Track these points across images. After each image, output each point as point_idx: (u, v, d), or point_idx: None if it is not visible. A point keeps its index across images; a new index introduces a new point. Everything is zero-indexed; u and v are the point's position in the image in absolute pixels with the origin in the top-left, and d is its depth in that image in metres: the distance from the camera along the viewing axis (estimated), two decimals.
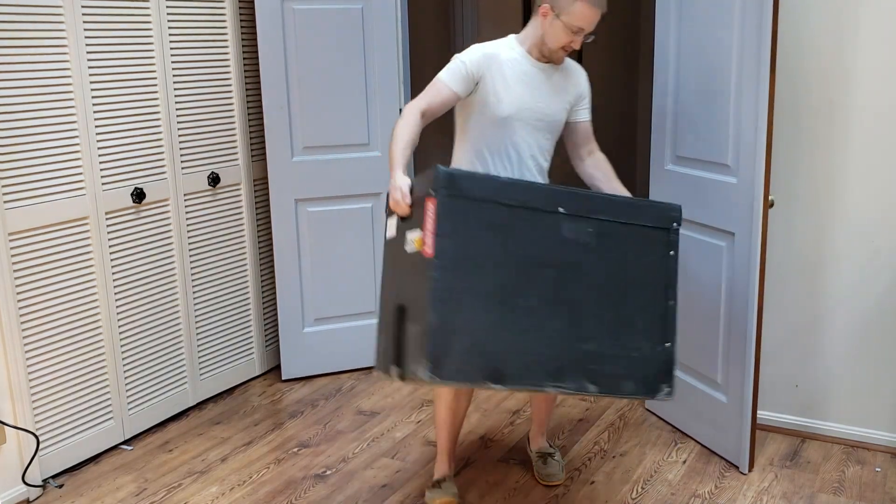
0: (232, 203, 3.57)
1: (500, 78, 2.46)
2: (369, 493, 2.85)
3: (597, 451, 3.08)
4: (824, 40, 2.86)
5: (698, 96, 2.88)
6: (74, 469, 3.02)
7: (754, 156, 2.67)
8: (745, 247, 2.75)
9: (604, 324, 2.26)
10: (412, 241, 2.15)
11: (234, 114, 3.53)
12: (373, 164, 3.68)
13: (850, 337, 3.02)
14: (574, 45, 2.46)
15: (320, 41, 3.50)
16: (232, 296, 3.62)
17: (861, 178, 2.89)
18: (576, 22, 2.40)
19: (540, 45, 2.48)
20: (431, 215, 2.06)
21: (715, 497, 2.76)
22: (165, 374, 3.35)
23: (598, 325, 2.25)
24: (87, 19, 2.90)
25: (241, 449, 3.17)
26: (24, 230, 2.77)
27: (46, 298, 2.87)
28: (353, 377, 3.80)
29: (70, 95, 2.88)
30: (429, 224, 2.06)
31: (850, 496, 2.75)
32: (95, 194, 2.99)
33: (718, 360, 2.95)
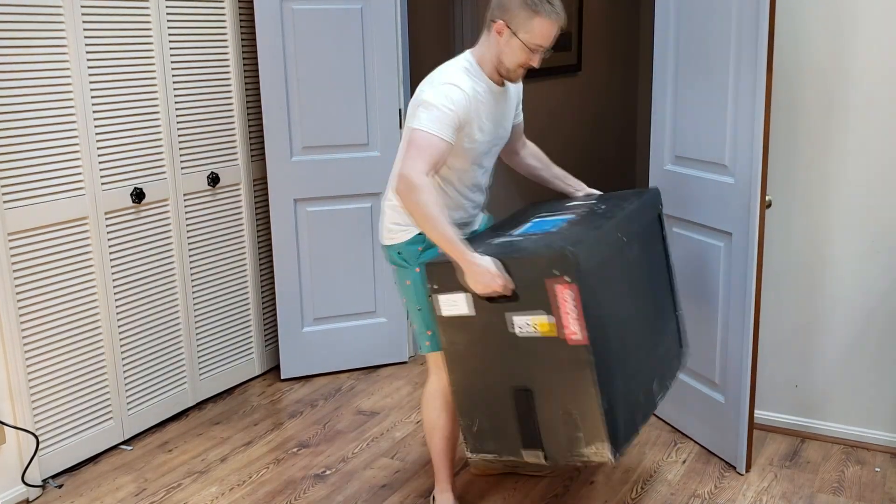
0: (231, 203, 3.57)
1: (477, 118, 2.31)
2: (369, 493, 2.85)
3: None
4: (821, 40, 2.86)
5: (696, 96, 2.89)
6: (74, 469, 3.02)
7: (751, 156, 2.67)
8: (743, 247, 2.75)
9: (660, 322, 2.42)
10: (531, 325, 2.10)
11: (234, 114, 3.53)
12: (372, 164, 3.68)
13: (849, 337, 3.02)
14: (533, 63, 2.29)
15: (320, 41, 3.51)
16: (231, 295, 3.62)
17: (858, 178, 2.89)
18: (535, 39, 2.24)
19: (497, 64, 2.31)
20: (572, 301, 2.01)
21: (714, 497, 2.76)
22: (165, 373, 3.35)
23: (661, 326, 2.41)
24: (87, 19, 2.90)
25: (241, 449, 3.17)
26: (23, 230, 2.78)
27: (46, 299, 2.87)
28: (353, 377, 3.80)
29: (69, 95, 2.88)
30: (568, 310, 2.02)
31: (849, 496, 2.75)
32: (95, 194, 3.00)
33: (716, 361, 2.95)
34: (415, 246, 2.42)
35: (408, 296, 2.48)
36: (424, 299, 2.42)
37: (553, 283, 2.02)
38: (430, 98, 2.23)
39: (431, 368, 2.55)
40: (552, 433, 2.16)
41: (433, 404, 2.57)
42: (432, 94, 2.24)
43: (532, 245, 2.14)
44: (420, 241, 2.42)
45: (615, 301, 2.21)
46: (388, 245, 2.49)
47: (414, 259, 2.42)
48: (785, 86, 2.92)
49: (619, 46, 6.56)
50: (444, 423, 2.57)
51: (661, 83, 3.04)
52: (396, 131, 3.70)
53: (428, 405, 2.59)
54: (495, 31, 2.27)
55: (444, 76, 2.30)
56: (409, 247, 2.43)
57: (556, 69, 5.64)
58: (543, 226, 2.34)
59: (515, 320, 2.12)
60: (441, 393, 2.55)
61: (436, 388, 2.55)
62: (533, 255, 2.07)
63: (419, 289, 2.42)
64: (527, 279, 2.07)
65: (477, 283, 2.11)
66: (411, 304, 2.48)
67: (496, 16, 2.28)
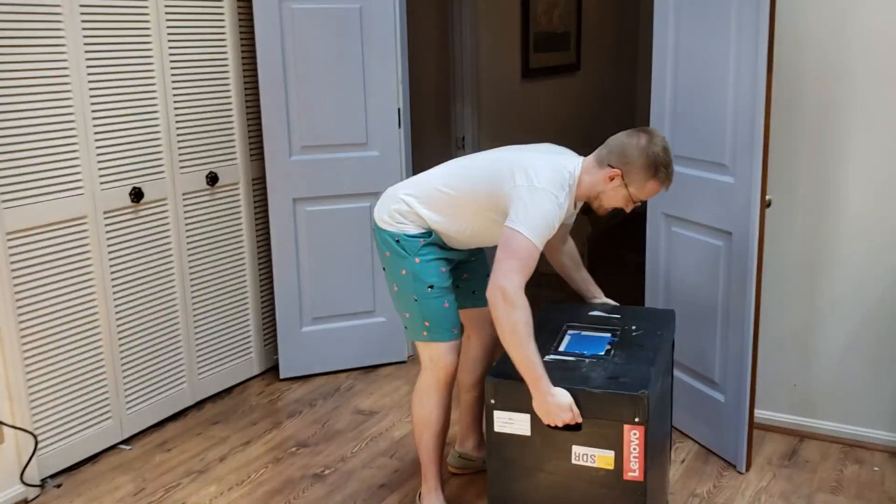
0: (230, 202, 3.57)
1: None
2: (367, 492, 2.85)
3: None
4: (821, 40, 2.86)
5: (696, 96, 2.89)
6: (73, 469, 3.02)
7: (752, 155, 2.67)
8: (743, 246, 2.75)
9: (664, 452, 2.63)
10: (593, 457, 2.18)
11: (233, 113, 3.53)
12: (371, 164, 3.68)
13: (848, 336, 3.02)
14: (626, 209, 2.38)
15: (318, 41, 3.50)
16: (230, 295, 3.62)
17: (858, 177, 2.90)
18: (642, 196, 2.34)
19: (593, 197, 2.37)
20: (637, 441, 2.13)
21: (713, 496, 2.76)
22: (164, 373, 3.35)
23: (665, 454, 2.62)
24: (85, 18, 2.90)
25: (240, 448, 3.17)
26: (22, 230, 2.77)
27: (45, 298, 2.87)
28: (352, 376, 3.80)
29: (68, 94, 2.88)
30: (632, 448, 2.13)
31: (848, 495, 2.75)
32: (93, 194, 2.99)
33: (716, 360, 2.95)
34: (416, 239, 2.43)
35: (401, 284, 2.46)
36: (423, 289, 2.42)
37: (630, 427, 2.13)
38: (536, 203, 2.22)
39: (425, 362, 2.52)
40: None
41: (427, 400, 2.53)
42: (539, 200, 2.23)
43: (602, 381, 2.19)
44: (425, 235, 2.43)
45: (656, 434, 2.31)
46: (386, 230, 2.46)
47: (414, 250, 2.42)
48: (785, 85, 2.92)
49: (617, 45, 6.56)
50: (437, 419, 2.54)
51: (660, 82, 3.03)
52: (395, 131, 3.69)
53: (421, 400, 2.55)
54: (608, 176, 2.31)
55: (546, 181, 2.26)
56: (410, 238, 2.43)
57: (555, 68, 5.64)
58: (588, 344, 2.44)
59: (576, 450, 2.20)
60: (436, 387, 2.52)
61: (430, 383, 2.52)
62: (610, 395, 2.14)
63: (417, 279, 2.42)
64: (598, 415, 2.16)
65: (548, 413, 2.15)
66: (405, 294, 2.45)
67: (614, 162, 2.31)
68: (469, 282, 2.67)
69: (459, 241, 2.50)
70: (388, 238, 2.46)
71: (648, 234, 3.18)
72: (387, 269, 2.52)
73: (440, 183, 2.45)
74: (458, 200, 2.41)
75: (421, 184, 2.49)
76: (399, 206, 2.46)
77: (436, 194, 2.43)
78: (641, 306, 2.75)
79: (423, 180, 2.50)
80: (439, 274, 2.45)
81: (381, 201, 2.54)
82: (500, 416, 2.25)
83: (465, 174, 2.44)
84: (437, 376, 2.51)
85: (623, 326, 2.55)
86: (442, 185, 2.44)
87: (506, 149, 2.52)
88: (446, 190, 2.42)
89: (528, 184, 2.24)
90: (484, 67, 4.91)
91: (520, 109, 5.34)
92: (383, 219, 2.49)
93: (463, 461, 2.92)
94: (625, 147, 2.30)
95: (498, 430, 2.26)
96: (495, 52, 5.02)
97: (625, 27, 6.62)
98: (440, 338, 2.46)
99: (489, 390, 2.25)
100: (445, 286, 2.46)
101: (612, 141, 2.35)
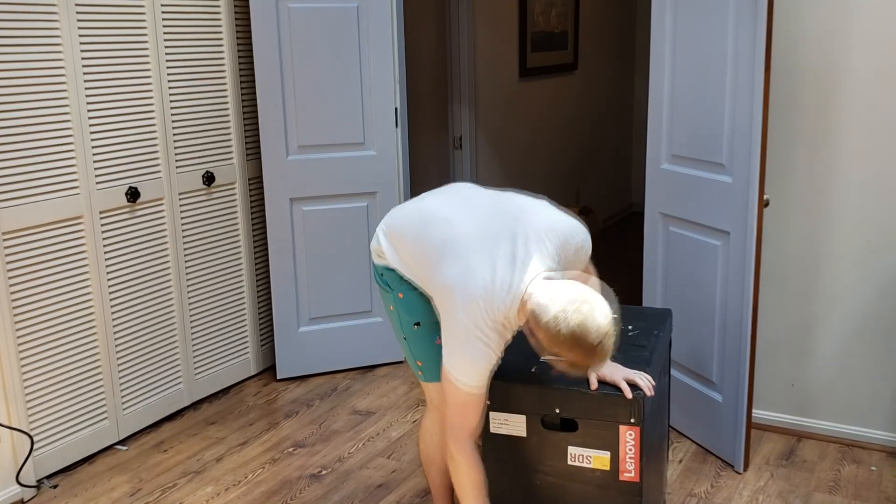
0: (227, 202, 3.56)
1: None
2: (365, 493, 2.84)
3: None
4: (818, 39, 2.86)
5: (693, 95, 2.88)
6: (69, 469, 3.01)
7: (749, 155, 2.67)
8: (741, 246, 2.75)
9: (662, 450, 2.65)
10: (588, 458, 2.18)
11: (229, 112, 3.52)
12: (368, 164, 3.68)
13: (846, 336, 3.02)
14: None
15: (315, 40, 3.50)
16: (227, 295, 3.61)
17: (856, 176, 2.90)
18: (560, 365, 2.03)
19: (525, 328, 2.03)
20: (633, 442, 2.13)
21: (711, 496, 2.76)
22: (160, 373, 3.34)
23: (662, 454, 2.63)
24: (81, 17, 2.89)
25: (237, 449, 3.16)
26: (17, 229, 2.77)
27: (40, 298, 2.86)
28: (349, 377, 3.79)
29: (64, 94, 2.87)
30: (628, 449, 2.14)
31: (845, 495, 2.75)
32: (89, 193, 2.98)
33: (714, 360, 2.95)
34: (395, 271, 2.22)
35: (392, 322, 2.30)
36: (410, 328, 2.24)
37: (626, 428, 2.13)
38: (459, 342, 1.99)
39: (428, 400, 2.37)
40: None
41: (430, 440, 2.39)
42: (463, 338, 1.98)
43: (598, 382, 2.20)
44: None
45: (653, 434, 2.32)
46: (374, 263, 2.30)
47: (395, 283, 2.22)
48: (783, 85, 2.92)
49: (615, 45, 6.56)
50: (442, 460, 2.36)
51: (658, 81, 3.03)
52: (392, 130, 3.69)
53: (424, 440, 2.42)
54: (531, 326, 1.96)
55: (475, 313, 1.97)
56: (389, 271, 2.23)
57: (552, 68, 5.64)
58: None
59: (572, 451, 2.19)
60: (438, 429, 2.32)
61: (432, 424, 2.37)
62: (605, 395, 2.14)
63: (402, 317, 2.24)
64: (594, 416, 2.15)
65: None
66: (396, 332, 2.30)
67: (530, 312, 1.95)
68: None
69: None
70: (375, 273, 2.29)
71: (646, 233, 3.18)
72: (384, 308, 2.34)
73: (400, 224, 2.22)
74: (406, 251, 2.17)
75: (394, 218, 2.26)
76: (378, 238, 2.27)
77: (395, 232, 2.23)
78: (638, 305, 2.75)
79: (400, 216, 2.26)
80: (426, 308, 2.19)
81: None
82: (496, 417, 2.25)
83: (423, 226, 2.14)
84: (439, 417, 2.30)
85: (620, 326, 2.55)
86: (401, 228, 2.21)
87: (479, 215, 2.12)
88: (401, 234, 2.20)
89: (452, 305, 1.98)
90: (481, 67, 4.91)
91: (517, 109, 5.34)
92: (373, 251, 2.29)
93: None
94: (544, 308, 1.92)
95: (493, 432, 2.26)
96: (493, 51, 5.01)
97: (622, 27, 6.62)
98: (434, 378, 2.21)
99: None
100: (433, 322, 2.17)
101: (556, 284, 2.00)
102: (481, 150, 5.00)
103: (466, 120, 4.87)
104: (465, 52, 4.78)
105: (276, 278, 3.65)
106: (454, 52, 4.81)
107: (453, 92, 4.86)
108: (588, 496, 2.20)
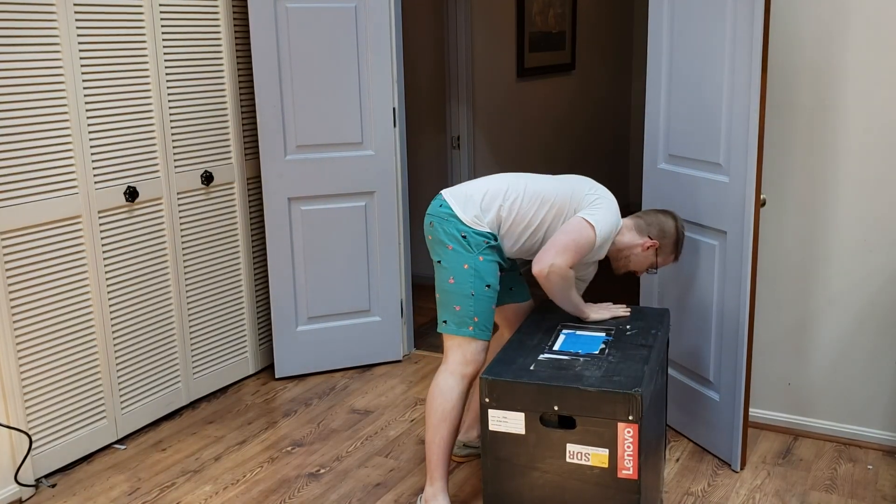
0: (225, 201, 3.57)
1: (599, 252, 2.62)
2: (363, 491, 2.85)
3: None
4: (816, 40, 2.87)
5: (691, 95, 2.89)
6: (67, 468, 3.01)
7: (746, 155, 2.67)
8: (738, 245, 2.76)
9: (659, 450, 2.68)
10: (587, 455, 2.19)
11: (228, 112, 3.52)
12: (366, 163, 3.68)
13: (842, 335, 3.03)
14: (638, 272, 2.74)
15: (314, 40, 3.50)
16: (225, 294, 3.62)
17: (852, 176, 2.90)
18: (662, 265, 2.71)
19: (621, 254, 2.67)
20: (631, 439, 2.15)
21: (708, 495, 2.77)
22: (158, 372, 3.34)
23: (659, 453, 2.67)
24: (80, 17, 2.89)
25: (235, 448, 3.16)
26: (15, 229, 2.77)
27: (39, 298, 2.86)
28: (347, 376, 3.79)
29: (62, 93, 2.87)
30: (626, 447, 2.15)
31: (842, 494, 2.76)
32: (88, 193, 2.99)
33: (711, 359, 2.95)
34: (482, 238, 2.53)
35: (459, 278, 2.52)
36: (482, 287, 2.52)
37: (625, 426, 2.14)
38: (607, 214, 2.57)
39: (455, 357, 2.54)
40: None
41: (451, 394, 2.52)
42: (610, 213, 2.58)
43: (596, 380, 2.20)
44: (490, 236, 2.53)
45: (651, 432, 2.32)
46: (457, 220, 2.53)
47: (479, 248, 2.52)
48: (779, 85, 2.93)
49: (612, 45, 6.57)
50: (457, 416, 2.54)
51: (655, 81, 3.04)
52: (390, 130, 3.70)
53: (442, 397, 2.52)
54: (646, 244, 2.65)
55: (611, 212, 2.60)
56: (477, 236, 2.53)
57: (550, 68, 5.65)
58: (582, 343, 2.46)
59: (570, 448, 2.20)
60: (461, 382, 2.53)
61: (455, 378, 2.53)
62: (603, 393, 2.15)
63: (478, 276, 2.52)
64: (593, 413, 2.16)
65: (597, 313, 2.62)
66: (463, 288, 2.51)
67: (654, 235, 2.66)
68: (505, 280, 2.71)
69: (510, 251, 2.62)
70: (456, 232, 2.53)
71: None
72: (443, 262, 2.56)
73: (520, 193, 2.60)
74: (533, 212, 2.58)
75: (503, 191, 2.60)
76: (475, 205, 2.56)
77: (516, 203, 2.58)
78: (636, 305, 2.76)
79: (502, 188, 2.61)
80: (496, 276, 2.57)
81: (450, 196, 2.60)
82: (495, 414, 2.26)
83: (546, 188, 2.63)
84: (464, 372, 2.54)
85: (617, 325, 2.57)
86: (523, 196, 2.60)
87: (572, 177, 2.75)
88: (526, 202, 2.59)
89: (603, 203, 2.60)
90: (479, 67, 4.91)
91: (515, 109, 5.34)
92: (456, 209, 2.56)
93: (468, 449, 2.97)
94: (663, 224, 2.67)
95: (492, 429, 2.27)
96: (490, 51, 5.02)
97: (620, 27, 6.62)
98: (483, 335, 2.55)
99: (483, 388, 2.25)
100: (498, 289, 2.59)
101: (649, 217, 2.70)
102: (479, 149, 5.01)
103: (464, 120, 4.87)
104: (462, 52, 4.79)
105: (274, 277, 3.66)
106: (452, 51, 4.81)
107: (451, 92, 4.86)
108: (586, 493, 2.21)
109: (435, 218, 2.58)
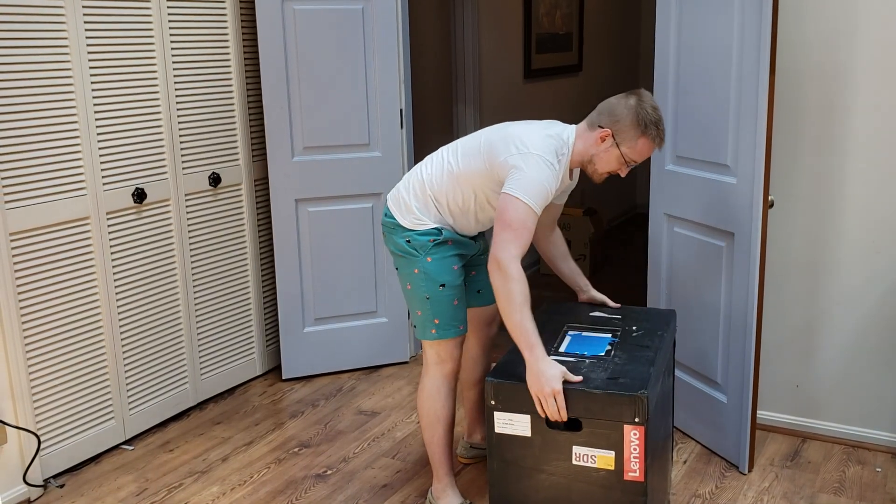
0: (233, 203, 3.57)
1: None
2: (370, 493, 2.85)
3: None
4: (824, 41, 2.86)
5: (698, 96, 2.89)
6: (75, 469, 3.02)
7: (754, 156, 2.67)
8: (745, 247, 2.75)
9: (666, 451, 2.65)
10: (593, 458, 2.19)
11: (235, 114, 3.53)
12: (373, 165, 3.68)
13: (851, 337, 3.02)
14: (621, 174, 2.40)
15: (321, 41, 3.51)
16: (232, 296, 3.63)
17: (861, 177, 2.90)
18: (634, 156, 2.34)
19: (586, 161, 2.38)
20: (637, 441, 2.13)
21: (715, 497, 2.76)
22: (166, 373, 3.35)
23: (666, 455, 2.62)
24: (88, 19, 2.91)
25: (242, 449, 3.17)
26: (25, 230, 2.78)
27: (47, 298, 2.88)
28: (354, 377, 3.80)
29: (71, 95, 2.88)
30: (632, 449, 2.14)
31: (850, 496, 2.75)
32: (96, 194, 3.00)
33: (718, 361, 2.95)
34: (426, 237, 2.48)
35: (414, 283, 2.51)
36: (435, 289, 2.47)
37: (630, 427, 2.13)
38: (531, 169, 2.26)
39: (431, 359, 2.56)
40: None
41: (438, 395, 2.57)
42: (533, 165, 2.26)
43: (602, 382, 2.19)
44: (434, 233, 2.48)
45: (657, 434, 2.32)
46: (400, 228, 2.50)
47: (425, 250, 2.48)
48: (787, 86, 2.92)
49: (619, 46, 6.57)
50: (449, 412, 2.59)
51: (662, 83, 3.04)
52: (397, 132, 3.70)
53: (432, 397, 2.57)
54: (599, 137, 2.33)
55: (539, 147, 2.30)
56: (420, 237, 2.48)
57: (557, 69, 5.65)
58: (588, 345, 2.44)
59: (577, 451, 2.20)
60: (444, 382, 2.57)
61: (437, 379, 2.56)
62: (609, 395, 2.14)
63: (429, 278, 2.48)
64: (599, 416, 2.15)
65: (537, 380, 2.14)
66: (418, 292, 2.50)
67: (604, 122, 2.33)
68: (475, 281, 2.71)
69: (468, 225, 2.53)
70: (401, 241, 2.51)
71: (650, 234, 3.18)
72: (399, 269, 2.57)
73: (443, 160, 2.50)
74: (460, 175, 2.45)
75: (427, 167, 2.53)
76: (410, 204, 2.50)
77: (439, 172, 2.48)
78: (642, 306, 2.75)
79: (428, 162, 2.54)
80: (451, 272, 2.51)
81: (391, 203, 2.57)
82: (501, 417, 2.25)
83: (464, 149, 2.48)
84: (443, 371, 2.56)
85: (624, 327, 2.56)
86: (445, 162, 2.49)
87: (503, 124, 2.51)
88: (448, 166, 2.47)
89: (522, 151, 2.29)
90: (486, 68, 4.91)
91: (522, 110, 5.34)
92: (396, 215, 2.52)
93: (474, 450, 2.99)
94: (614, 107, 2.32)
95: (499, 432, 2.27)
96: (497, 52, 5.02)
97: (627, 28, 6.62)
98: (447, 335, 2.52)
99: (489, 391, 2.25)
100: (457, 284, 2.52)
101: (602, 104, 2.37)
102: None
103: (471, 121, 4.87)
104: (469, 54, 4.79)
105: (281, 279, 3.66)
106: (459, 53, 4.81)
107: (458, 93, 4.86)
108: (593, 496, 2.20)
109: (385, 228, 2.58)
